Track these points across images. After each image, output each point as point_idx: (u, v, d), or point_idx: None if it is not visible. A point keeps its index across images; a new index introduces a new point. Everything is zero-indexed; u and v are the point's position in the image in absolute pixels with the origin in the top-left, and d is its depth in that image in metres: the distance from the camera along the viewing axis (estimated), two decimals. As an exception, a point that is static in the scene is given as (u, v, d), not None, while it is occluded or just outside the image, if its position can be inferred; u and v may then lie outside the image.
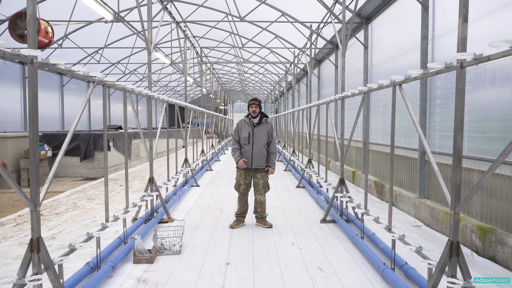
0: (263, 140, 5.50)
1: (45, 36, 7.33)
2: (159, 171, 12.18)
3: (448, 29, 5.54)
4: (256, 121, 5.55)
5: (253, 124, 5.54)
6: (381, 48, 8.42)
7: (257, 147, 5.48)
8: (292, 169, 11.94)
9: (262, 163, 5.53)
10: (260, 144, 5.48)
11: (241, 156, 5.55)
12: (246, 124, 5.57)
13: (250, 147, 5.49)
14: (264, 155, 5.53)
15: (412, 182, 6.64)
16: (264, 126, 5.55)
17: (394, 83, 3.90)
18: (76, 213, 6.67)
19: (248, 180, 5.62)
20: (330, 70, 13.56)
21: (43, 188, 2.84)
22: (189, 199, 7.87)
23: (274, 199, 7.78)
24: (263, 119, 5.59)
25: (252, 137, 5.49)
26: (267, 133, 5.53)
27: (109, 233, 5.31)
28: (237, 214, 5.81)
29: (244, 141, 5.53)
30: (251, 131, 5.51)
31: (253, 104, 5.51)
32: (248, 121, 5.58)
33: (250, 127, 5.53)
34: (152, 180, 5.99)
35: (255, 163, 5.51)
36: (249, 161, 5.51)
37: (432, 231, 5.53)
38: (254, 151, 5.48)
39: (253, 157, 5.50)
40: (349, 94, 5.51)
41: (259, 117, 5.57)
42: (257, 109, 5.53)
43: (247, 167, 5.53)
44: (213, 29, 16.36)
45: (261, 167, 5.55)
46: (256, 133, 5.50)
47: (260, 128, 5.52)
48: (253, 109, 5.51)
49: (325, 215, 6.06)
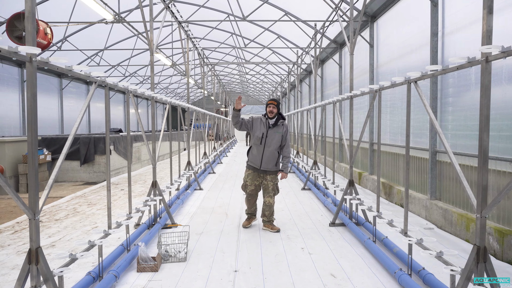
0: (276, 143, 5.31)
1: (44, 37, 7.16)
2: (160, 175, 12.00)
3: (460, 25, 5.36)
4: (272, 122, 5.33)
5: (269, 125, 5.33)
6: (388, 47, 8.25)
7: (268, 149, 5.30)
8: (296, 171, 11.75)
9: (271, 165, 5.35)
10: (272, 147, 5.30)
11: (238, 115, 5.27)
12: (261, 123, 5.35)
13: (262, 147, 5.30)
14: (274, 158, 5.34)
15: (423, 183, 6.45)
16: (279, 128, 5.35)
17: (409, 80, 3.72)
18: (77, 219, 6.49)
19: (257, 182, 5.45)
20: (334, 70, 13.39)
21: (43, 194, 2.66)
22: (193, 203, 7.69)
23: (280, 202, 7.59)
24: (280, 121, 5.37)
25: (266, 138, 5.29)
26: (281, 136, 5.34)
27: (111, 240, 5.12)
28: (247, 212, 5.75)
29: (256, 140, 5.33)
30: (266, 131, 5.31)
31: (271, 104, 5.30)
32: (264, 120, 5.36)
33: (265, 127, 5.33)
34: (155, 184, 5.80)
35: (264, 165, 5.33)
36: (258, 162, 5.34)
37: (445, 234, 5.34)
38: (265, 153, 5.30)
39: (263, 158, 5.31)
40: (358, 93, 5.33)
41: (276, 118, 5.35)
42: (275, 110, 5.29)
43: (256, 168, 5.35)
44: (214, 30, 16.20)
45: (270, 170, 5.37)
46: (270, 134, 5.30)
47: (275, 130, 5.33)
48: (270, 109, 5.29)
49: (334, 218, 5.87)
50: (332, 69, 13.76)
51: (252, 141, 5.44)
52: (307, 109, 9.47)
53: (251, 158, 5.42)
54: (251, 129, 5.40)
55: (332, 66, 13.68)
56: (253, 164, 5.40)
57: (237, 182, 10.22)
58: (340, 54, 12.11)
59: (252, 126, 5.39)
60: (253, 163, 5.39)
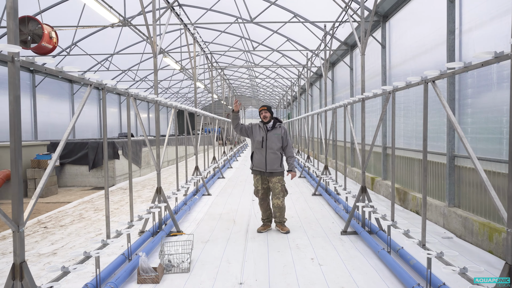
0: (276, 144, 5.50)
1: (49, 41, 7.08)
2: (170, 179, 11.86)
3: (479, 21, 5.06)
4: (269, 126, 5.57)
5: (267, 129, 5.56)
6: (401, 47, 7.95)
7: (270, 151, 5.48)
8: (307, 175, 11.47)
9: (276, 166, 5.50)
10: (273, 148, 5.49)
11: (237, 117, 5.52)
12: (260, 129, 5.59)
13: (264, 150, 5.50)
14: (278, 159, 5.51)
15: (439, 189, 6.12)
16: (277, 130, 5.56)
17: (426, 80, 3.45)
18: (82, 225, 6.35)
19: (265, 185, 5.61)
20: (345, 73, 13.10)
21: (29, 204, 2.48)
22: (200, 209, 7.49)
23: (290, 208, 7.33)
24: (277, 123, 5.61)
25: (266, 141, 5.50)
26: (280, 137, 5.54)
27: (113, 248, 4.95)
28: (263, 220, 5.82)
29: (257, 145, 5.54)
30: (265, 135, 5.52)
31: (263, 110, 5.55)
32: (262, 126, 5.60)
33: (263, 132, 5.55)
34: (160, 191, 5.62)
35: (269, 166, 5.48)
36: (263, 165, 5.50)
37: (466, 244, 5.01)
38: (267, 155, 5.49)
39: (267, 160, 5.48)
40: (370, 95, 5.06)
41: (272, 122, 5.60)
42: (268, 114, 5.53)
43: (262, 171, 5.50)
44: (223, 34, 16.09)
45: (276, 171, 5.51)
46: (270, 137, 5.51)
47: (273, 133, 5.54)
48: (263, 115, 5.53)
49: (346, 226, 5.59)
50: (343, 72, 13.47)
51: (253, 146, 5.65)
52: (318, 113, 9.20)
53: (256, 163, 5.59)
54: (251, 135, 5.63)
55: (343, 69, 13.39)
56: (258, 168, 5.56)
57: (247, 187, 9.99)
58: (351, 56, 11.82)
59: (252, 132, 5.62)
60: (258, 167, 5.56)
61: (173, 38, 16.10)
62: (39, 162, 8.92)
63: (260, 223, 6.01)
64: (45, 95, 16.21)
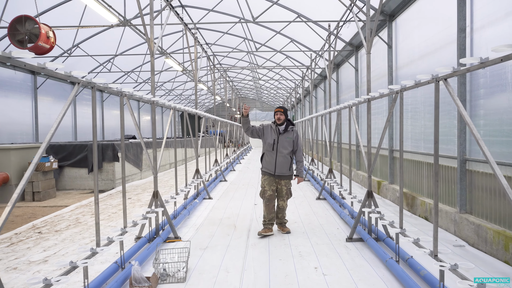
0: (287, 148, 5.49)
1: (46, 41, 6.92)
2: (171, 182, 11.65)
3: (493, 18, 4.80)
4: (282, 129, 5.52)
5: (279, 131, 5.51)
6: (408, 47, 7.69)
7: (281, 154, 5.46)
8: (311, 179, 11.21)
9: (285, 170, 5.51)
10: (284, 152, 5.46)
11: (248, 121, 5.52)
12: (272, 130, 5.54)
13: (274, 153, 5.48)
14: (288, 163, 5.50)
15: (450, 195, 5.84)
16: (289, 134, 5.52)
17: (437, 78, 3.21)
18: (77, 231, 6.14)
19: (274, 187, 5.57)
20: (349, 74, 12.85)
21: (4, 212, 2.26)
22: (200, 214, 7.26)
23: (293, 213, 7.09)
24: (289, 127, 5.56)
25: (277, 144, 5.47)
26: (292, 141, 5.52)
27: (107, 255, 4.73)
28: (264, 222, 5.65)
29: (268, 147, 5.52)
30: (276, 138, 5.48)
31: (278, 112, 5.50)
32: (274, 127, 5.55)
33: (275, 134, 5.50)
34: (157, 195, 5.40)
35: (278, 170, 5.48)
36: (272, 168, 5.49)
37: (479, 253, 4.73)
38: (277, 158, 5.46)
39: (277, 164, 5.46)
40: (376, 95, 4.82)
41: (285, 124, 5.54)
42: (282, 117, 5.48)
43: (271, 173, 5.50)
44: (225, 35, 15.91)
45: (284, 175, 5.52)
46: (281, 140, 5.48)
47: (285, 136, 5.50)
48: (278, 116, 5.48)
49: (351, 232, 5.33)
50: (347, 73, 13.22)
51: (264, 148, 5.59)
52: (322, 115, 8.96)
53: (265, 164, 5.57)
54: (262, 136, 5.58)
55: (348, 70, 13.14)
56: (268, 170, 5.53)
57: (249, 191, 9.76)
58: (356, 57, 11.57)
59: (263, 134, 5.57)
60: (268, 169, 5.53)
61: (175, 39, 15.93)
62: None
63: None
64: (47, 97, 16.10)
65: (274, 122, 5.56)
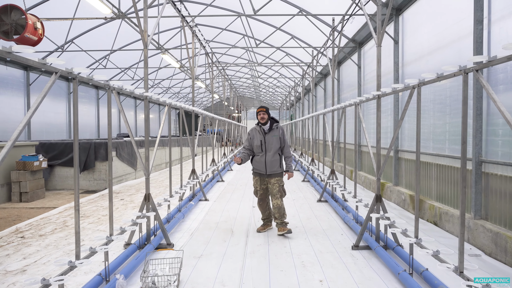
0: (275, 146, 5.50)
1: (33, 32, 6.50)
2: (166, 182, 11.23)
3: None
4: (267, 128, 5.54)
5: (264, 131, 5.54)
6: (416, 42, 7.30)
7: (270, 153, 5.48)
8: (311, 179, 10.81)
9: (276, 168, 5.51)
10: (272, 150, 5.48)
11: (243, 157, 5.60)
12: (257, 132, 5.58)
13: (264, 154, 5.51)
14: (277, 161, 5.52)
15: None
16: (275, 132, 5.54)
17: (465, 70, 2.81)
18: (63, 235, 5.73)
19: (264, 186, 5.60)
20: (351, 72, 12.46)
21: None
22: (196, 217, 6.86)
23: (294, 217, 6.69)
24: (274, 124, 5.58)
25: (265, 144, 5.51)
26: (278, 138, 5.53)
27: (92, 265, 4.32)
28: (262, 219, 5.79)
29: (257, 149, 5.55)
30: (263, 138, 5.52)
31: (261, 111, 5.53)
32: (259, 129, 5.59)
33: (261, 135, 5.54)
34: (148, 198, 5.00)
35: (269, 169, 5.49)
36: (263, 168, 5.50)
37: (498, 264, 4.35)
38: (267, 158, 5.48)
39: (267, 163, 5.48)
40: (388, 90, 4.42)
41: (270, 123, 5.55)
42: (265, 116, 5.51)
43: (262, 173, 5.52)
44: (224, 32, 15.49)
45: (275, 172, 5.52)
46: (268, 140, 5.51)
47: (271, 135, 5.52)
48: (261, 116, 5.51)
49: (358, 240, 4.94)
50: (349, 71, 12.83)
51: (254, 151, 5.63)
52: (324, 113, 8.57)
53: (256, 165, 5.59)
54: (253, 142, 5.63)
55: (349, 68, 12.75)
56: (259, 170, 5.56)
57: (247, 192, 9.36)
58: (359, 54, 11.17)
59: (252, 139, 5.62)
60: (259, 170, 5.56)
61: (173, 34, 15.48)
62: (24, 163, 8.32)
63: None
64: (39, 94, 15.64)
65: (258, 123, 5.58)
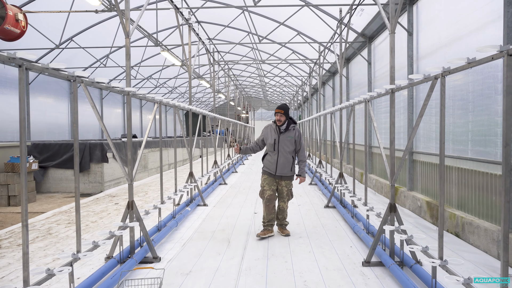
0: (289, 147, 5.30)
1: (15, 24, 6.01)
2: (167, 185, 10.70)
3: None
4: (283, 128, 5.33)
5: (280, 130, 5.33)
6: (432, 33, 6.64)
7: (282, 154, 5.29)
8: (319, 182, 10.19)
9: (286, 170, 5.33)
10: (285, 152, 5.29)
11: (243, 148, 5.54)
12: (272, 130, 5.39)
13: (276, 154, 5.32)
14: (289, 163, 5.32)
15: (490, 208, 4.79)
16: (291, 133, 5.33)
17: (508, 51, 2.19)
18: (43, 245, 5.22)
19: (274, 187, 5.40)
20: (360, 69, 11.79)
21: None
22: (191, 224, 6.30)
23: (298, 225, 6.10)
24: (291, 125, 5.36)
25: (278, 144, 5.30)
26: (293, 140, 5.33)
27: (62, 283, 3.77)
28: (264, 222, 5.47)
29: (269, 147, 5.38)
30: (277, 137, 5.32)
31: (278, 113, 5.28)
32: (274, 127, 5.39)
33: (276, 134, 5.34)
34: (132, 206, 4.45)
35: (280, 170, 5.30)
36: (273, 168, 5.32)
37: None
38: (279, 159, 5.29)
39: (278, 164, 5.29)
40: (404, 83, 3.80)
41: (287, 123, 5.34)
42: (282, 118, 5.29)
43: (272, 173, 5.33)
44: (228, 28, 14.95)
45: (286, 175, 5.35)
46: (282, 140, 5.30)
47: (286, 135, 5.31)
48: (278, 118, 5.28)
49: (369, 255, 4.31)
50: (358, 69, 12.16)
51: (266, 148, 5.46)
52: (331, 111, 7.94)
53: (267, 164, 5.41)
54: (265, 139, 5.45)
55: (358, 66, 12.08)
56: (269, 170, 5.37)
57: (250, 197, 8.78)
58: (369, 49, 10.51)
59: (266, 136, 5.43)
60: (269, 169, 5.37)
61: (174, 31, 15.00)
62: (13, 165, 7.87)
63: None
64: (40, 94, 15.29)
65: (275, 121, 5.36)
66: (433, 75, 3.24)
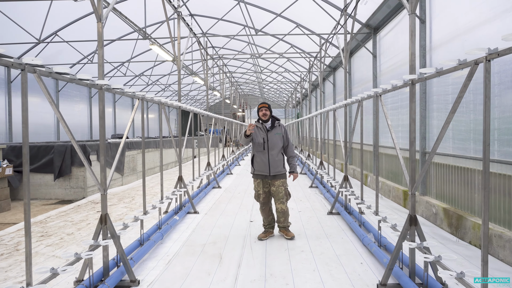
0: (278, 145, 5.19)
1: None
2: (156, 189, 9.99)
3: None
4: (268, 125, 5.23)
5: (266, 128, 5.21)
6: (448, 19, 5.97)
7: (273, 152, 5.15)
8: (320, 185, 9.50)
9: (280, 168, 5.17)
10: (276, 149, 5.16)
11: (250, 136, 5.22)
12: (259, 129, 5.23)
13: (266, 153, 5.15)
14: (281, 160, 5.20)
15: (522, 218, 4.13)
16: (277, 129, 5.23)
17: None
18: (6, 265, 4.51)
19: (267, 189, 5.25)
20: (364, 63, 11.12)
21: None
22: (178, 236, 5.61)
23: (299, 236, 5.43)
24: (275, 122, 5.27)
25: (267, 142, 5.15)
26: (281, 137, 5.24)
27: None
28: (265, 226, 5.40)
29: (258, 147, 5.19)
30: (265, 136, 5.17)
31: (263, 108, 5.22)
32: (260, 126, 5.24)
33: (263, 132, 5.19)
34: (105, 220, 3.75)
35: (273, 169, 5.14)
36: (266, 169, 5.14)
37: None
38: (270, 157, 5.13)
39: (270, 163, 5.13)
40: (431, 71, 3.12)
41: (271, 121, 5.25)
42: (268, 112, 5.22)
43: (265, 175, 5.16)
44: (221, 21, 14.22)
45: (279, 173, 5.17)
46: (271, 137, 5.16)
47: (274, 132, 5.19)
48: (263, 112, 5.20)
49: (385, 276, 3.64)
50: (361, 63, 11.48)
51: (254, 149, 5.26)
52: (335, 108, 7.26)
53: (258, 167, 5.20)
54: (253, 140, 5.25)
55: (361, 60, 11.41)
56: (261, 172, 5.18)
57: (245, 202, 8.09)
58: (374, 40, 9.82)
59: (254, 135, 5.25)
60: (261, 171, 5.17)
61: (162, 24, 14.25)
62: (-17, 171, 7.12)
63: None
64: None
65: (259, 119, 5.25)
66: (472, 61, 2.56)
